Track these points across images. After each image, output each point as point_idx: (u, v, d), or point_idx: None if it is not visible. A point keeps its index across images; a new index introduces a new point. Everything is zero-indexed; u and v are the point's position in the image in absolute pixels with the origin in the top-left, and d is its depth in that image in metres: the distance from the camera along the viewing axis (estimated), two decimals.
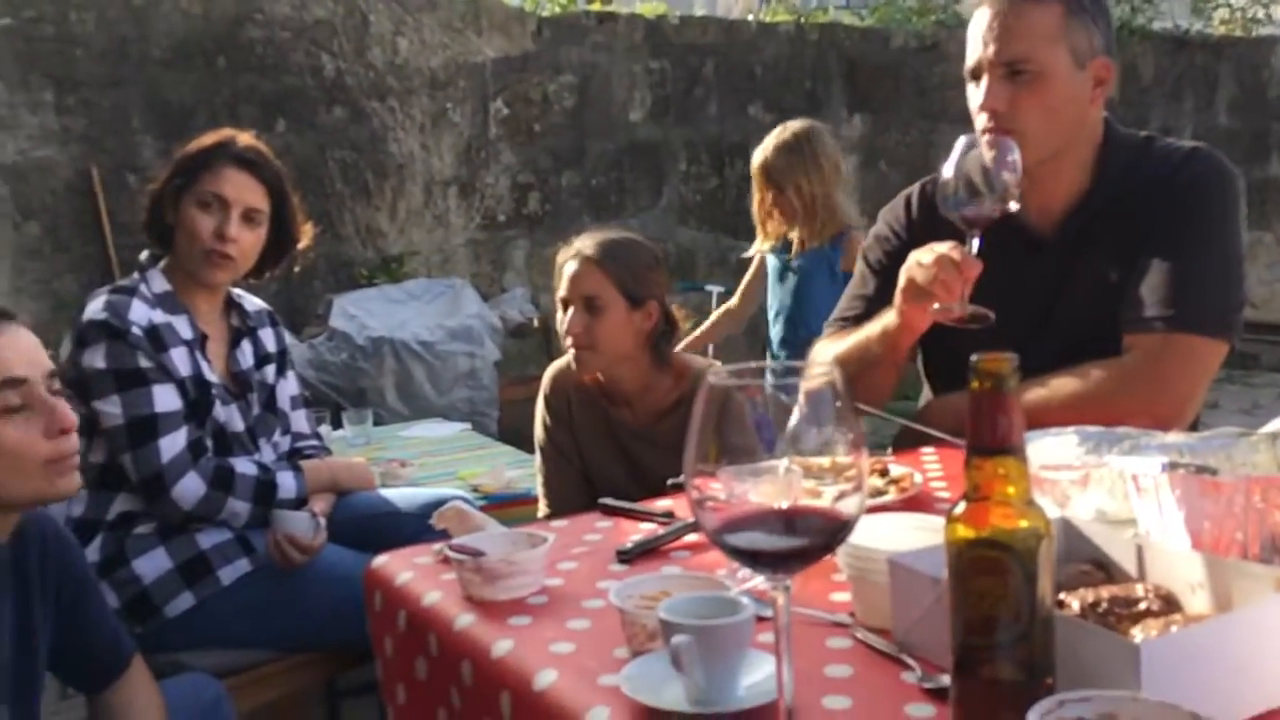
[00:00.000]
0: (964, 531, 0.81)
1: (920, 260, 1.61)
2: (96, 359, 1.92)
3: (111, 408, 1.92)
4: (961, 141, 1.58)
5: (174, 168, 2.10)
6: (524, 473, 2.71)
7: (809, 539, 0.78)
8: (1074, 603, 0.96)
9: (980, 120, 1.67)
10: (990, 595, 0.80)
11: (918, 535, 1.10)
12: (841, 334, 1.88)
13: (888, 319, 1.72)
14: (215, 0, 4.85)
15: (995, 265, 1.59)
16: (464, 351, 4.68)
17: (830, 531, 0.78)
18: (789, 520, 0.78)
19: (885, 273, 1.87)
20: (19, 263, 4.55)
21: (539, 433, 2.28)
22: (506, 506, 2.48)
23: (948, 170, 1.56)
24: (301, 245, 2.24)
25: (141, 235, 2.17)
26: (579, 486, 2.24)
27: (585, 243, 2.16)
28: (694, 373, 2.21)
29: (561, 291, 2.15)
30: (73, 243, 4.63)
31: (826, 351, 1.87)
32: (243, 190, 2.06)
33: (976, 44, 1.70)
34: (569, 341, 2.14)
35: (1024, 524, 0.80)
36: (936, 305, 1.58)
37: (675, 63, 6.09)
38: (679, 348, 2.26)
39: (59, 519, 1.73)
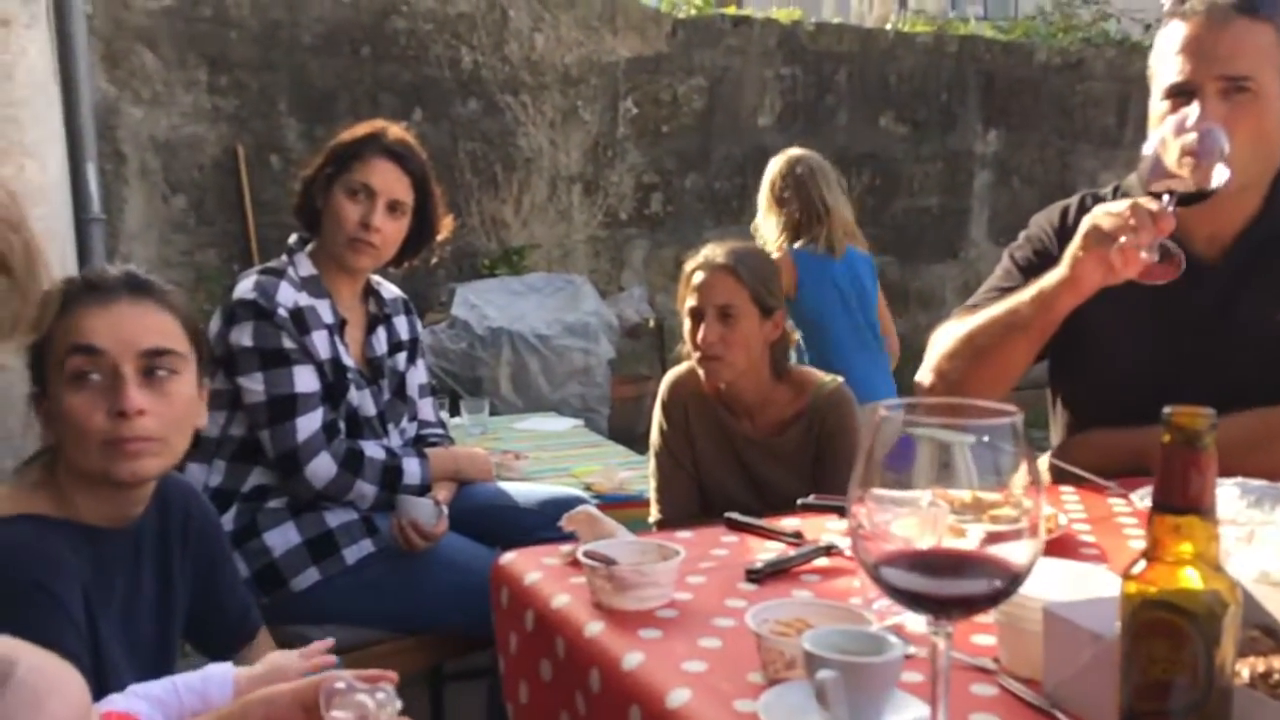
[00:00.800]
0: (1143, 591, 0.77)
1: (1110, 210, 1.52)
2: (244, 336, 1.99)
3: (254, 384, 1.99)
4: (1171, 120, 1.52)
5: (326, 155, 2.16)
6: (635, 474, 2.71)
7: (978, 588, 0.75)
8: (1244, 671, 0.90)
9: (1183, 141, 1.50)
10: (1166, 660, 0.76)
11: (1070, 584, 1.05)
12: (973, 312, 1.77)
13: (1047, 279, 1.60)
14: None
15: (1154, 290, 1.51)
16: (579, 347, 4.71)
17: (1005, 578, 0.74)
18: (956, 564, 0.75)
19: (1029, 269, 1.78)
20: (165, 234, 4.76)
21: (655, 438, 2.27)
22: (619, 507, 2.46)
23: (1148, 148, 1.51)
24: (440, 238, 2.28)
25: (280, 214, 2.25)
26: (693, 494, 2.23)
27: (715, 252, 2.14)
28: (816, 386, 2.18)
29: (692, 301, 2.13)
30: (216, 217, 4.82)
31: (956, 329, 1.75)
32: (390, 181, 2.11)
33: (1186, 58, 1.59)
34: (698, 352, 2.12)
35: (1208, 589, 0.76)
36: (1123, 239, 1.47)
37: (808, 69, 6.02)
38: None
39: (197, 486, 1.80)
